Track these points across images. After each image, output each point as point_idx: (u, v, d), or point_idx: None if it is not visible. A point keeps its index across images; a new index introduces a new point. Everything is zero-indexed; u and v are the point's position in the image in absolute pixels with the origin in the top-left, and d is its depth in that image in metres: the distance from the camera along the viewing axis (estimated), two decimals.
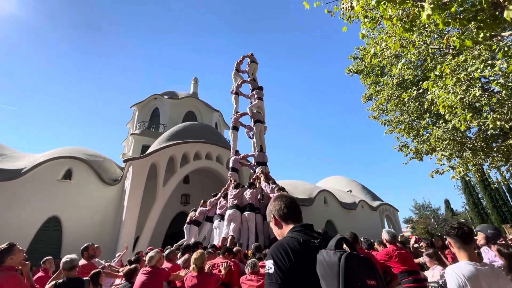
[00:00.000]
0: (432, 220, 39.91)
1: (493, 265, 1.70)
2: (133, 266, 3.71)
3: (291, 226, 1.27)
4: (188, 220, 8.09)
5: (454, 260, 4.51)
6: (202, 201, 8.81)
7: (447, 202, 42.51)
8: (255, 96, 9.74)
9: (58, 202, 11.78)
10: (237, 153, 9.61)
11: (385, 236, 3.74)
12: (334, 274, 0.97)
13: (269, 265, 1.13)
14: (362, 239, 5.02)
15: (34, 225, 11.09)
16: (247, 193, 7.36)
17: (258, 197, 7.55)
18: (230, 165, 9.31)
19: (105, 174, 13.80)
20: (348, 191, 23.70)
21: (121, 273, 4.36)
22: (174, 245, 6.62)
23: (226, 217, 7.07)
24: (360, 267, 1.00)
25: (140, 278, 3.42)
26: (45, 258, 4.88)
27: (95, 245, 4.79)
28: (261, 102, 9.65)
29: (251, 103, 10.32)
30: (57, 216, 11.70)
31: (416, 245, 4.23)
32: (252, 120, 9.90)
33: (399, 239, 4.76)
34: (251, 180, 8.18)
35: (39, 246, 10.89)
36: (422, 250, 4.11)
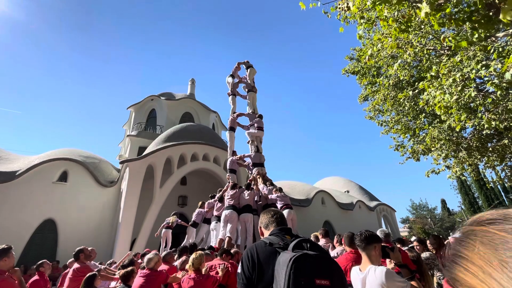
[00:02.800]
0: (429, 219, 40.14)
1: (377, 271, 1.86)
2: (129, 268, 3.67)
3: (271, 230, 1.40)
4: (165, 224, 8.46)
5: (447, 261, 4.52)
6: (200, 202, 8.77)
7: (443, 202, 42.81)
8: (255, 125, 9.22)
9: (54, 205, 11.64)
10: (234, 153, 9.58)
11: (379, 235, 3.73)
12: (283, 272, 1.05)
13: (239, 266, 1.27)
14: None
15: (28, 228, 10.94)
16: (245, 195, 7.31)
17: (256, 199, 7.52)
18: (228, 166, 9.26)
19: (101, 176, 13.68)
20: (345, 191, 23.77)
21: (117, 276, 4.31)
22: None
23: (222, 218, 7.02)
24: (311, 267, 1.05)
25: (137, 280, 3.38)
26: (41, 261, 4.79)
27: (89, 248, 4.73)
28: (261, 132, 9.13)
29: (248, 109, 10.29)
30: (53, 218, 11.56)
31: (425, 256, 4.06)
32: (249, 121, 9.91)
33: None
34: (248, 182, 8.14)
35: (34, 250, 10.75)
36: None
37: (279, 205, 6.94)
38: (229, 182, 8.56)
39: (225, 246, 5.87)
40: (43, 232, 11.30)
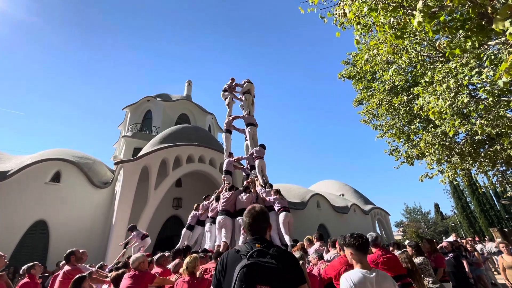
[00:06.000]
0: (423, 223, 40.55)
1: (382, 272, 2.04)
2: (120, 271, 3.63)
3: (249, 236, 1.55)
4: (142, 235, 8.19)
5: (438, 264, 4.59)
6: (195, 205, 8.72)
7: (436, 206, 43.37)
8: (254, 154, 8.62)
9: (46, 206, 11.44)
10: (230, 155, 9.57)
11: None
12: (234, 277, 1.25)
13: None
14: None
15: (19, 229, 10.73)
16: (243, 198, 7.26)
17: (253, 201, 7.50)
18: (224, 167, 9.24)
19: (95, 177, 13.51)
20: (340, 195, 23.87)
21: (108, 279, 4.25)
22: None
23: (217, 224, 6.98)
24: (256, 274, 1.23)
25: (124, 282, 3.36)
26: (32, 263, 4.69)
27: (81, 250, 4.66)
28: (262, 161, 8.50)
29: (244, 112, 10.26)
30: (44, 220, 11.35)
31: (417, 261, 4.09)
32: (245, 123, 9.92)
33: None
34: (246, 184, 8.12)
35: (25, 252, 10.53)
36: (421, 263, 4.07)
37: (276, 207, 6.93)
38: (224, 183, 8.52)
39: (220, 250, 5.84)
40: (34, 234, 11.08)
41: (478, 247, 8.76)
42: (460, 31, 2.93)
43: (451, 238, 10.76)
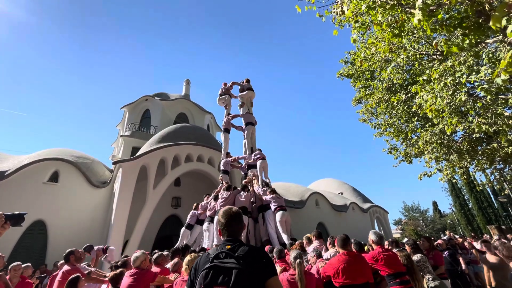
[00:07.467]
0: (421, 221, 40.74)
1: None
2: (118, 270, 3.62)
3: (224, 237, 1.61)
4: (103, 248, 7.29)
5: (436, 262, 4.62)
6: (195, 204, 8.72)
7: (435, 204, 43.59)
8: (253, 158, 8.77)
9: (44, 206, 11.38)
10: (228, 155, 9.56)
11: (371, 237, 3.74)
12: (198, 279, 1.35)
13: None
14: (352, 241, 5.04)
15: (17, 229, 10.65)
16: (242, 196, 7.26)
17: (252, 200, 7.50)
18: (221, 167, 9.24)
19: (94, 177, 13.47)
20: (339, 193, 23.92)
21: (107, 278, 4.24)
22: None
23: (214, 223, 6.96)
24: (215, 276, 1.31)
25: (125, 280, 3.35)
26: (10, 265, 4.51)
27: (79, 250, 4.64)
28: (265, 162, 8.57)
29: (243, 110, 10.23)
30: (43, 220, 11.31)
31: (415, 258, 4.10)
32: (244, 122, 9.91)
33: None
34: (244, 183, 8.12)
35: (22, 252, 10.49)
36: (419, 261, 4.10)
37: (273, 206, 6.94)
38: (222, 183, 8.52)
39: None
40: (33, 234, 11.03)
41: (478, 245, 8.78)
42: (458, 29, 2.93)
43: (446, 236, 10.81)
